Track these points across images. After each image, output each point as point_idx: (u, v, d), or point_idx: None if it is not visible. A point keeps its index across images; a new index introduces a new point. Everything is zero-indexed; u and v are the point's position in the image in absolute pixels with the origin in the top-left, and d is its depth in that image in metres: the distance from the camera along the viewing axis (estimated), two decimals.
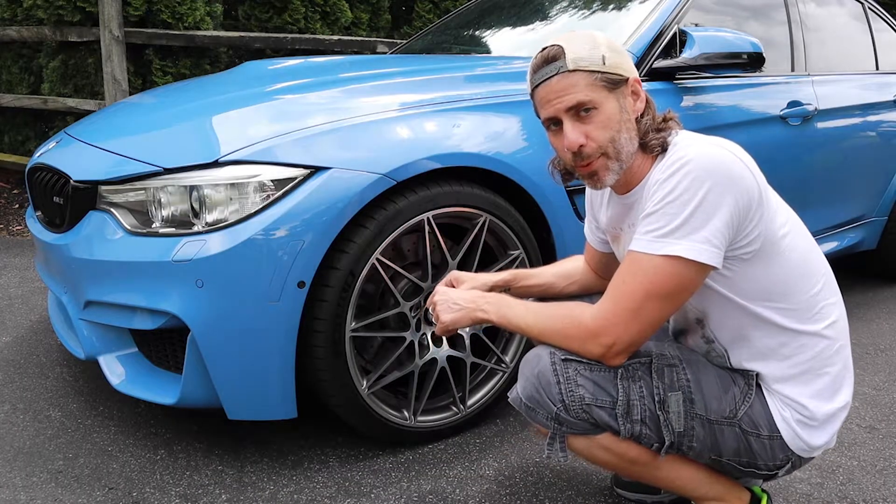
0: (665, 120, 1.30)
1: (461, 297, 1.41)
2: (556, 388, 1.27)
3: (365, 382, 1.72)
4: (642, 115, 1.30)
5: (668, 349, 1.34)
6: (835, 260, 3.14)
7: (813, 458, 1.36)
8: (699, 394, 1.29)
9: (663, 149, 1.28)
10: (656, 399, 1.28)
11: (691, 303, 1.32)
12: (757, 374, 1.31)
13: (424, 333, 1.82)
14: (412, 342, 1.80)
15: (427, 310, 1.72)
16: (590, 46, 1.26)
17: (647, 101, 1.31)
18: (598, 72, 1.24)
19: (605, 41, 1.28)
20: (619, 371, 1.28)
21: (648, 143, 1.28)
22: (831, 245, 3.00)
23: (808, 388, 1.29)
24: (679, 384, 1.29)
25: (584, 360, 1.27)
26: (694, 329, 1.37)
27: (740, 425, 1.30)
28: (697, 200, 1.15)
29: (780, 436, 1.30)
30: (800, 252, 1.27)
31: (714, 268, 1.19)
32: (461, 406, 1.88)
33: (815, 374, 1.30)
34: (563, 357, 1.27)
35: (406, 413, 1.81)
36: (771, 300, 1.26)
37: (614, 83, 1.26)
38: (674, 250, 1.16)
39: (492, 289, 1.55)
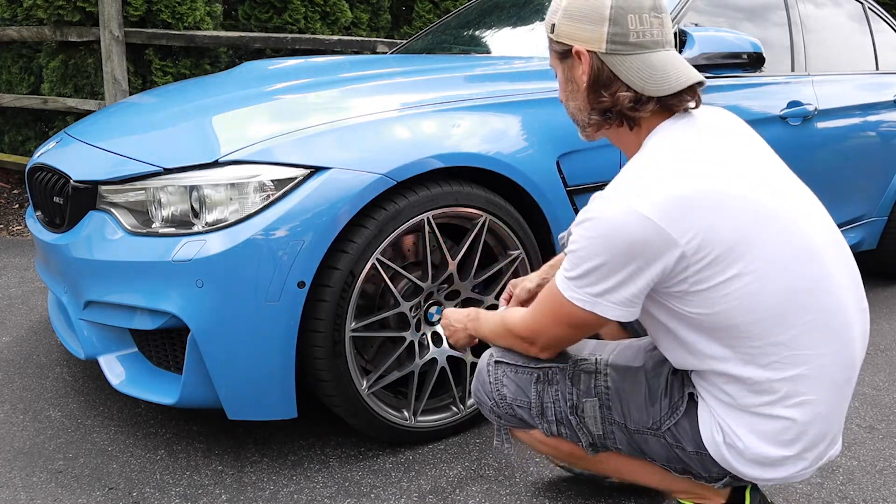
0: (636, 105, 1.15)
1: (455, 318, 1.56)
2: (489, 388, 1.42)
3: (365, 382, 1.72)
4: (590, 90, 1.18)
5: (602, 355, 1.36)
6: None
7: (763, 481, 1.27)
8: (617, 402, 1.31)
9: (630, 128, 1.19)
10: (568, 403, 1.34)
11: (650, 328, 1.30)
12: (692, 394, 1.26)
13: (424, 333, 1.82)
14: (412, 342, 1.80)
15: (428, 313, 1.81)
16: (552, 10, 1.22)
17: (591, 74, 1.17)
18: (550, 40, 1.24)
19: (569, 4, 1.18)
20: (538, 374, 1.37)
21: (591, 122, 1.22)
22: None
23: (751, 425, 1.19)
24: (596, 390, 1.33)
25: (511, 363, 1.39)
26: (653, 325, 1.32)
27: (664, 437, 1.29)
28: (591, 266, 1.12)
29: (708, 453, 1.24)
30: (764, 296, 1.10)
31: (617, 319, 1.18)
32: (461, 406, 1.88)
33: (761, 418, 1.18)
34: (495, 359, 1.41)
35: (406, 413, 1.81)
36: (712, 336, 1.16)
37: (562, 53, 1.22)
38: (571, 297, 1.17)
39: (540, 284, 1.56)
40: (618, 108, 1.16)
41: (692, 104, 1.19)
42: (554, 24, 1.21)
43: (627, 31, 1.14)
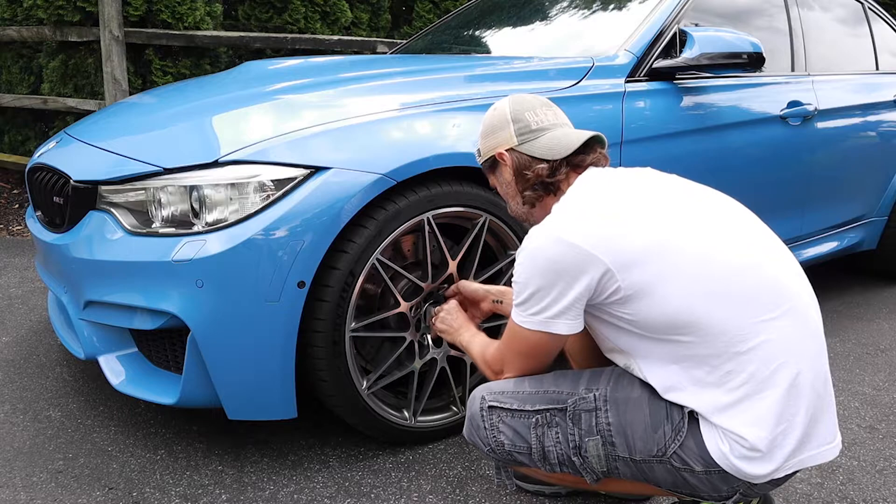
0: (553, 171, 1.38)
1: (456, 319, 1.67)
2: (484, 433, 1.42)
3: (365, 382, 1.73)
4: (516, 178, 1.42)
5: (599, 388, 1.34)
6: (835, 260, 3.14)
7: (774, 481, 1.26)
8: (621, 436, 1.30)
9: (554, 193, 1.40)
10: (571, 444, 1.33)
11: (612, 342, 1.34)
12: (691, 411, 1.26)
13: (424, 333, 1.82)
14: (412, 342, 1.80)
15: (427, 311, 1.80)
16: (476, 142, 1.50)
17: (514, 164, 1.42)
18: (481, 162, 1.51)
19: (482, 128, 1.47)
20: (536, 418, 1.36)
21: (525, 200, 1.44)
22: (831, 245, 3.00)
23: (748, 415, 1.21)
24: (598, 428, 1.31)
25: (507, 407, 1.39)
26: (619, 358, 1.37)
27: (671, 462, 1.27)
28: (530, 292, 1.28)
29: (720, 469, 1.24)
30: (692, 285, 1.21)
31: (566, 334, 1.29)
32: (461, 406, 1.88)
33: (755, 399, 1.21)
34: (489, 404, 1.41)
35: (406, 413, 1.81)
36: (676, 332, 1.22)
37: (491, 166, 1.48)
38: (519, 320, 1.32)
39: (485, 296, 1.73)
40: (540, 179, 1.39)
41: (599, 161, 1.41)
42: (479, 149, 1.50)
43: (528, 123, 1.41)
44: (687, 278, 1.21)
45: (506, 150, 1.42)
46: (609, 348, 1.38)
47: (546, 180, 1.39)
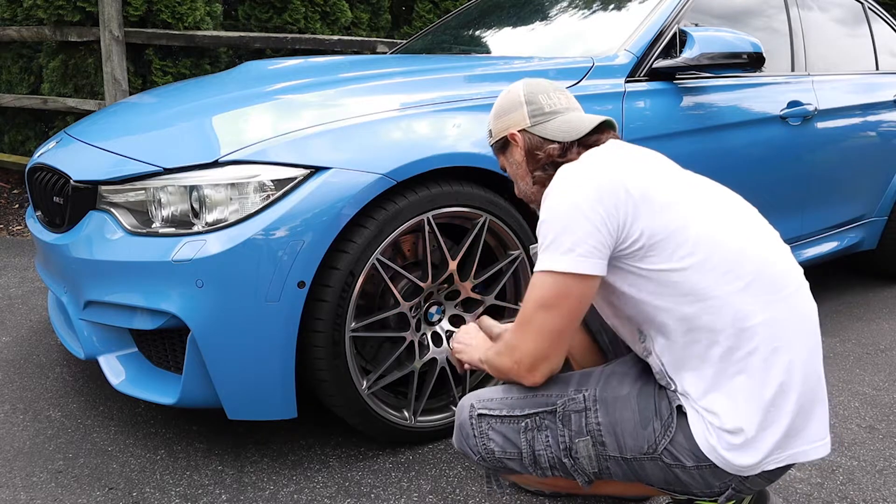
0: (564, 152, 1.39)
1: (475, 337, 1.55)
2: (473, 442, 1.40)
3: (365, 382, 1.73)
4: (527, 159, 1.43)
5: (588, 389, 1.34)
6: (835, 260, 3.15)
7: (765, 475, 1.27)
8: (611, 435, 1.30)
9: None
10: (562, 447, 1.33)
11: (628, 306, 1.33)
12: (679, 406, 1.27)
13: (424, 333, 1.82)
14: (412, 342, 1.80)
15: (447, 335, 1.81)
16: (487, 124, 1.52)
17: (525, 145, 1.42)
18: (492, 143, 1.51)
19: (495, 109, 1.49)
20: (525, 423, 1.35)
21: (535, 180, 1.43)
22: (831, 245, 3.00)
23: (737, 396, 1.21)
24: (588, 428, 1.31)
25: (496, 413, 1.38)
26: (634, 341, 1.37)
27: (662, 459, 1.28)
28: (557, 230, 1.24)
29: (710, 463, 1.24)
30: (711, 249, 1.24)
31: (593, 276, 1.24)
32: None
33: (744, 378, 1.22)
34: (478, 412, 1.40)
35: (406, 413, 1.81)
36: (687, 297, 1.24)
37: (502, 146, 1.49)
38: (545, 265, 1.26)
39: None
40: (551, 159, 1.39)
41: (608, 140, 1.41)
42: (490, 130, 1.50)
43: (542, 105, 1.42)
44: (700, 246, 1.23)
45: (518, 131, 1.43)
46: (625, 315, 1.35)
47: (557, 160, 1.39)
